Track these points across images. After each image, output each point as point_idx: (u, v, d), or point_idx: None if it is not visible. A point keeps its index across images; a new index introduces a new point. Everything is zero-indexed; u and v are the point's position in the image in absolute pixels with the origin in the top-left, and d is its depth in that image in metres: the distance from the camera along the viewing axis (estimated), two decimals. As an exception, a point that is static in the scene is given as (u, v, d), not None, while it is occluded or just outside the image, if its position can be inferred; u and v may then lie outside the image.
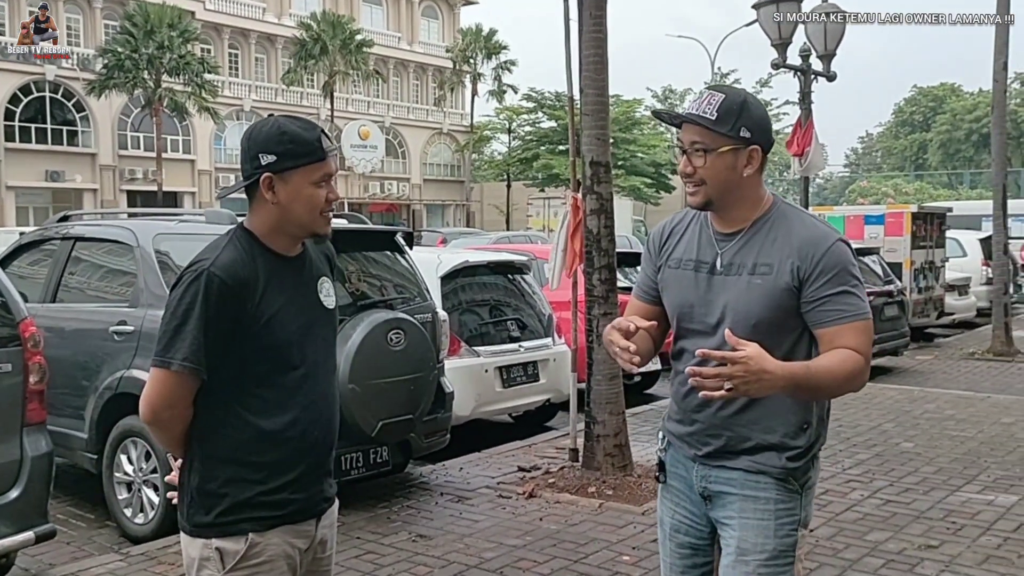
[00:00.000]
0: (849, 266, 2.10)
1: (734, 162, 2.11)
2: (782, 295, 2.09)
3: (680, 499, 2.31)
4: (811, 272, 2.07)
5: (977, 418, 7.61)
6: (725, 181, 2.12)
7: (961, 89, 66.35)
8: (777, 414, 2.15)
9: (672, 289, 2.25)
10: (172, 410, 2.05)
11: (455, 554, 4.48)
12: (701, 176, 2.12)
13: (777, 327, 2.11)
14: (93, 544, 4.96)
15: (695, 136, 2.12)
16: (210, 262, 2.03)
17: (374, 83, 44.65)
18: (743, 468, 2.17)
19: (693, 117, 2.11)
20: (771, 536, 2.15)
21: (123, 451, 5.06)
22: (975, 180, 51.59)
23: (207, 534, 2.08)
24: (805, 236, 2.11)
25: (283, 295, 2.10)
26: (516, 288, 7.67)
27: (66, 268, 5.70)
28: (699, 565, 2.31)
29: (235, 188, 2.14)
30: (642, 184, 40.23)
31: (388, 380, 4.99)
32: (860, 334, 2.09)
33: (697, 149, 2.12)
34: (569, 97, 6.06)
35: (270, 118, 2.13)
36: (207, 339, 2.00)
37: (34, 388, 4.01)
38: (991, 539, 4.64)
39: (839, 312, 2.07)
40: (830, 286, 2.07)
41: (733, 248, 2.16)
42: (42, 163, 34.47)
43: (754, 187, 2.16)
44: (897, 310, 11.00)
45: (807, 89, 10.01)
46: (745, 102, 2.12)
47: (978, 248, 15.79)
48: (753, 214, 2.17)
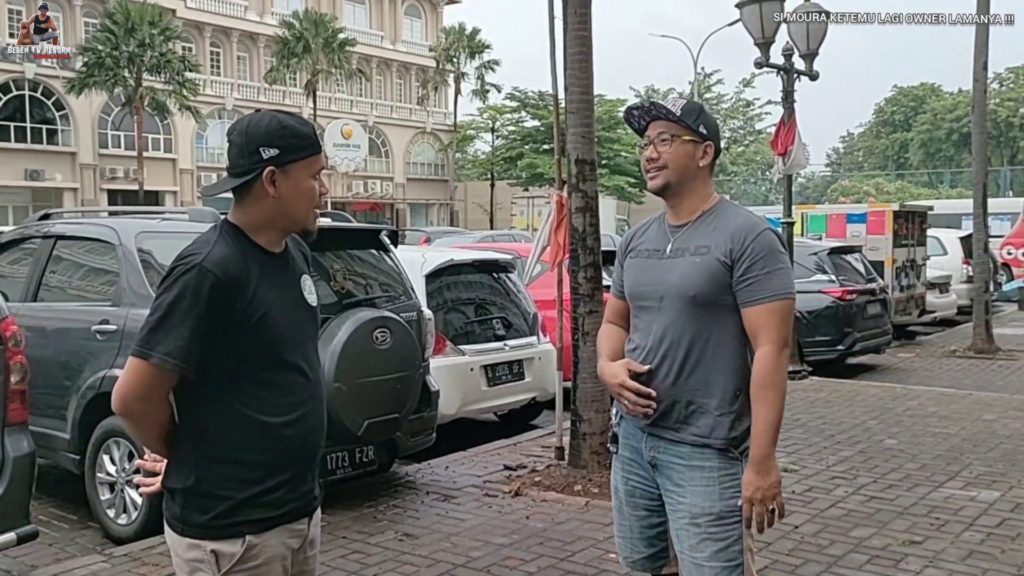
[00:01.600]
0: (775, 251, 2.39)
1: (693, 151, 2.47)
2: (717, 271, 2.38)
3: (633, 467, 2.60)
4: (741, 254, 2.37)
5: (959, 415, 7.66)
6: (684, 168, 2.47)
7: (941, 89, 66.84)
8: (715, 381, 2.42)
9: (629, 274, 2.61)
10: (145, 403, 2.00)
11: (442, 553, 4.47)
12: (665, 160, 2.46)
13: (712, 302, 2.40)
14: (76, 545, 4.92)
15: (661, 128, 2.47)
16: (203, 257, 1.98)
17: (357, 82, 44.51)
18: (689, 443, 2.44)
19: (662, 110, 2.47)
20: (717, 500, 2.42)
21: (106, 451, 5.02)
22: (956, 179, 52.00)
23: (202, 535, 2.03)
24: (739, 224, 2.42)
25: (273, 292, 2.08)
26: (501, 287, 7.66)
27: (47, 267, 5.64)
28: (655, 525, 2.59)
29: (226, 186, 2.09)
30: (626, 183, 40.30)
31: (374, 379, 4.97)
32: (775, 315, 2.36)
33: (663, 138, 2.47)
34: (554, 95, 6.05)
35: (261, 112, 2.12)
36: (193, 336, 1.96)
37: (15, 388, 3.96)
38: (974, 534, 4.68)
39: (761, 292, 2.36)
40: (757, 267, 2.36)
41: (682, 236, 2.49)
42: (21, 162, 34.14)
43: (705, 181, 2.51)
44: (879, 308, 11.08)
45: (790, 88, 10.04)
46: (702, 107, 2.53)
47: (959, 246, 15.93)
48: (701, 206, 2.50)
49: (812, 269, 10.56)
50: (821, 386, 9.16)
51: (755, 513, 2.35)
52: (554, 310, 6.29)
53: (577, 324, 5.76)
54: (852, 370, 10.59)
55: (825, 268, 10.65)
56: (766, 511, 2.35)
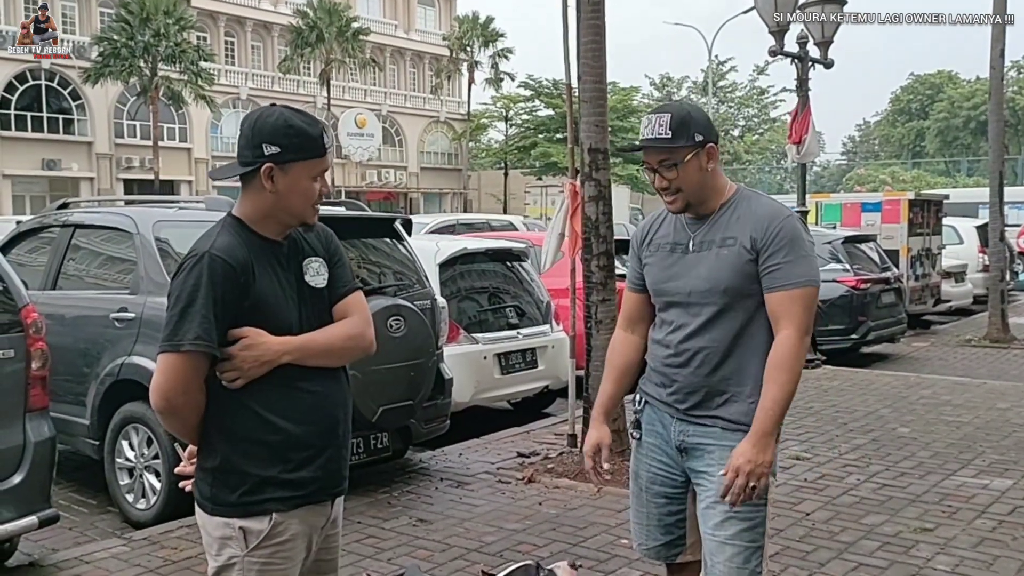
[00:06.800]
0: (799, 238, 2.38)
1: (699, 163, 2.42)
2: (744, 262, 2.38)
3: (656, 453, 2.59)
4: (766, 242, 2.37)
5: (973, 404, 7.65)
6: (698, 182, 2.43)
7: (958, 77, 66.23)
8: (747, 369, 2.42)
9: (652, 268, 2.57)
10: (186, 396, 2.05)
11: (455, 538, 4.52)
12: (677, 185, 2.43)
13: (741, 292, 2.40)
14: (95, 529, 4.99)
15: (661, 155, 2.42)
16: (209, 245, 2.07)
17: (371, 71, 44.50)
18: (720, 427, 2.45)
19: (654, 142, 2.40)
20: None
21: (124, 437, 5.08)
22: (972, 168, 51.58)
23: (231, 513, 2.10)
24: (762, 213, 2.41)
25: (274, 278, 2.13)
26: (514, 275, 7.69)
27: (66, 255, 5.71)
28: (674, 512, 2.59)
29: (231, 172, 2.16)
30: (638, 171, 40.17)
31: (388, 366, 5.01)
32: (798, 301, 2.36)
33: (666, 165, 2.41)
34: (567, 85, 6.06)
35: (274, 107, 2.15)
36: (216, 319, 2.02)
37: (36, 374, 4.03)
38: (986, 522, 4.69)
39: (785, 279, 2.35)
40: (781, 255, 2.36)
41: (704, 230, 2.47)
42: (38, 151, 34.39)
43: (718, 177, 2.47)
44: (894, 297, 11.04)
45: (804, 76, 9.99)
46: (688, 112, 2.43)
47: (975, 235, 15.82)
48: (720, 200, 2.47)
49: (826, 258, 10.52)
50: (834, 375, 9.15)
51: (736, 484, 2.30)
52: (567, 299, 6.32)
53: (590, 312, 5.78)
54: (866, 359, 10.57)
55: (839, 257, 10.62)
56: (747, 486, 2.30)
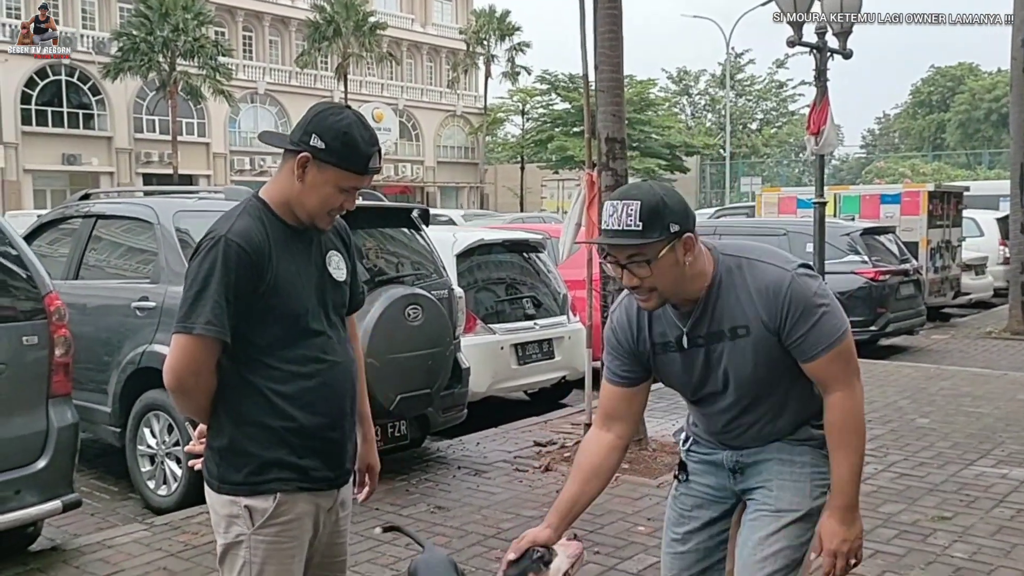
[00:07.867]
0: (812, 298, 2.12)
1: (675, 258, 2.07)
2: (769, 347, 2.15)
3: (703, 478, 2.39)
4: (783, 320, 2.12)
5: (993, 395, 7.60)
6: (675, 278, 2.10)
7: (979, 69, 65.56)
8: (801, 414, 2.27)
9: (666, 372, 2.30)
10: (197, 377, 2.08)
11: (472, 525, 4.55)
12: (650, 284, 2.10)
13: (775, 372, 2.19)
14: (117, 515, 5.06)
15: (629, 251, 2.06)
16: (226, 229, 2.08)
17: (387, 65, 44.59)
18: (781, 441, 2.29)
19: (622, 239, 2.05)
20: (806, 496, 2.24)
21: (146, 424, 5.15)
22: (994, 160, 51.05)
23: (237, 492, 2.14)
24: (760, 288, 2.13)
25: (293, 264, 2.14)
26: (531, 266, 7.70)
27: (88, 245, 5.77)
28: (715, 536, 2.39)
29: (278, 141, 2.16)
30: (656, 166, 40.11)
31: (406, 354, 5.05)
32: (836, 361, 2.14)
33: (636, 261, 2.07)
34: (584, 75, 6.06)
35: (348, 109, 2.13)
36: (228, 304, 2.04)
37: (60, 360, 4.08)
38: (1004, 511, 4.67)
39: (815, 346, 2.12)
40: (801, 326, 2.11)
41: (693, 321, 2.19)
42: (59, 146, 34.71)
43: (697, 262, 2.13)
44: (913, 289, 10.97)
45: (823, 67, 9.92)
46: (661, 198, 2.05)
47: (995, 228, 15.67)
48: (703, 283, 2.16)
49: (845, 249, 10.47)
50: (853, 367, 9.09)
51: (838, 567, 2.15)
52: (584, 290, 6.33)
53: (606, 303, 5.79)
54: (885, 351, 10.52)
55: (858, 248, 10.56)
56: (848, 565, 2.15)
